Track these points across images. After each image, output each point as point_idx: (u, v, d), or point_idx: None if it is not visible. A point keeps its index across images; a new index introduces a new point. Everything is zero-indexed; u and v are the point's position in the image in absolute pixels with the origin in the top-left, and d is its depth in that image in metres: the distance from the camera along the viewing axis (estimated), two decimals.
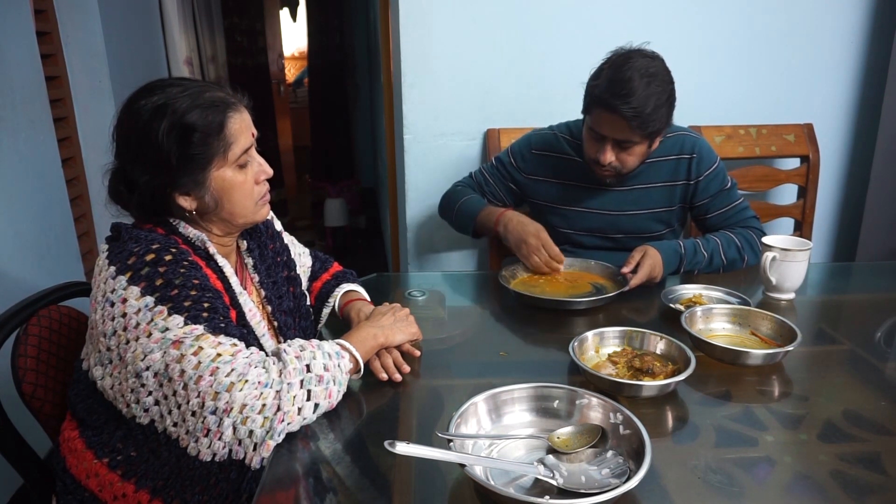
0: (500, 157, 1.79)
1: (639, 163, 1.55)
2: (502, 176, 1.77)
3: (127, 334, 0.94)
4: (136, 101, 0.99)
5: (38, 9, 2.16)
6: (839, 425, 0.98)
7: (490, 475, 0.85)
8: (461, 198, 1.74)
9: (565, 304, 1.38)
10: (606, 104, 1.41)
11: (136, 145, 0.98)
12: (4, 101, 1.85)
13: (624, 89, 1.38)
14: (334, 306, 1.31)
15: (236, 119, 1.02)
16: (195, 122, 0.97)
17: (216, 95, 1.02)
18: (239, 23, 4.96)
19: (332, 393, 0.98)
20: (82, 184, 2.43)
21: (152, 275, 0.94)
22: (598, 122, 1.47)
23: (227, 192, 1.03)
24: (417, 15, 2.05)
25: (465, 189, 1.79)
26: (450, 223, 1.81)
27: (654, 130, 1.45)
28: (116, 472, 0.99)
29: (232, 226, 1.09)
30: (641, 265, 1.45)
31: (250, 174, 1.06)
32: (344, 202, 4.65)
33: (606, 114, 1.43)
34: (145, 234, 1.00)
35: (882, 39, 2.25)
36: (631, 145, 1.47)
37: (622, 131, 1.44)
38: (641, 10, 2.12)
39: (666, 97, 1.43)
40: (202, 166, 1.00)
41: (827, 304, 1.57)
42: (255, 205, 1.08)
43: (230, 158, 1.02)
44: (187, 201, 1.02)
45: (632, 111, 1.38)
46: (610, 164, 1.50)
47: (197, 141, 0.98)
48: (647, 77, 1.39)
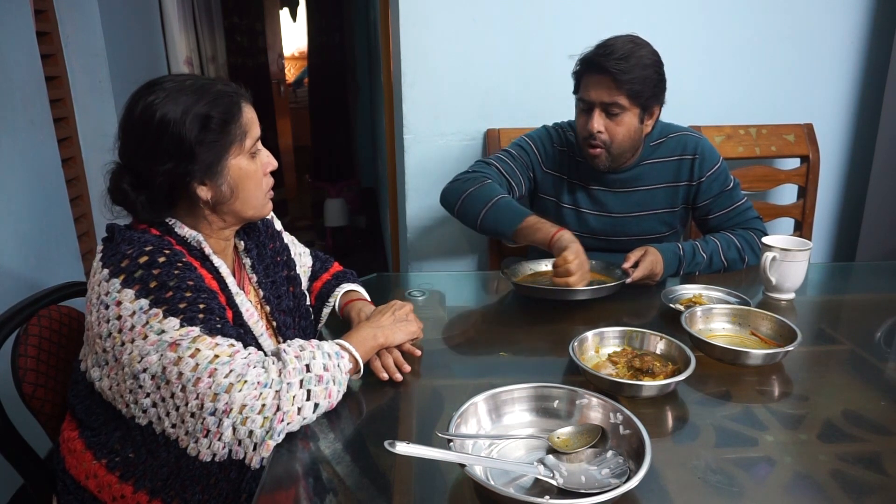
0: (522, 146, 1.71)
1: (628, 139, 1.53)
2: (525, 165, 1.69)
3: (122, 336, 0.93)
4: (147, 95, 0.99)
5: (38, 9, 2.16)
6: (839, 425, 0.98)
7: (490, 475, 0.85)
8: (495, 195, 1.54)
9: (566, 294, 1.37)
10: (592, 64, 1.48)
11: (154, 137, 0.98)
12: (4, 101, 1.85)
13: (608, 49, 1.46)
14: (334, 306, 1.31)
15: (248, 109, 1.06)
16: (214, 110, 0.99)
17: (227, 88, 1.04)
18: (239, 23, 4.97)
19: (331, 393, 0.98)
20: (82, 184, 2.43)
21: (146, 277, 0.94)
22: (586, 87, 1.51)
23: (242, 180, 1.05)
24: (417, 15, 2.05)
25: (495, 185, 1.58)
26: (469, 219, 1.57)
27: (640, 94, 1.48)
28: (115, 473, 0.99)
29: (239, 218, 1.09)
30: (642, 261, 1.45)
31: (260, 165, 1.08)
32: (344, 202, 4.65)
33: (593, 75, 1.49)
34: (138, 236, 0.99)
35: (882, 39, 2.25)
36: (619, 111, 1.49)
37: (609, 91, 1.47)
38: (641, 9, 2.12)
39: (651, 63, 1.48)
40: (221, 154, 1.01)
41: (827, 304, 1.57)
42: (264, 196, 1.10)
43: (246, 146, 1.04)
44: (204, 191, 1.02)
45: (617, 65, 1.44)
46: (598, 134, 1.51)
47: (216, 128, 1.00)
48: (630, 44, 1.48)
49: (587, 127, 1.52)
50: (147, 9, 3.14)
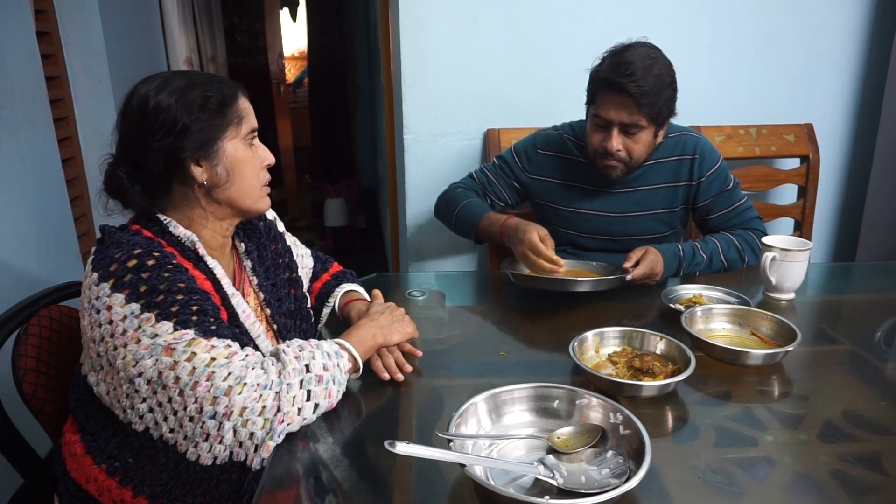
0: (504, 156, 1.77)
1: (645, 154, 1.54)
2: (506, 175, 1.75)
3: (114, 341, 0.93)
4: (142, 86, 1.00)
5: (38, 9, 2.16)
6: (839, 425, 0.98)
7: (490, 475, 0.85)
8: (461, 201, 1.68)
9: (567, 285, 1.37)
10: (612, 84, 1.43)
11: (150, 119, 0.98)
12: (4, 101, 1.85)
13: (628, 69, 1.41)
14: (334, 306, 1.31)
15: (244, 100, 1.07)
16: (210, 92, 1.01)
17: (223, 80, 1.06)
18: (239, 23, 4.97)
19: (331, 393, 0.98)
20: (82, 184, 2.43)
21: (136, 281, 0.93)
22: (605, 106, 1.48)
23: (238, 164, 1.04)
24: (417, 15, 2.05)
25: (465, 192, 1.72)
26: (448, 226, 1.75)
27: (660, 113, 1.46)
28: (114, 478, 0.98)
29: (235, 209, 1.08)
30: (643, 260, 1.45)
31: (257, 156, 1.08)
32: (344, 202, 4.65)
33: (613, 95, 1.45)
34: (128, 238, 0.99)
35: (882, 39, 2.25)
36: (637, 130, 1.48)
37: (629, 112, 1.45)
38: (641, 9, 2.12)
39: (669, 80, 1.46)
40: (217, 133, 1.02)
41: (827, 304, 1.57)
42: (260, 188, 1.09)
43: (242, 131, 1.05)
44: (199, 171, 1.02)
45: (638, 88, 1.41)
46: (617, 152, 1.50)
47: (213, 107, 1.01)
48: (649, 60, 1.44)
49: (604, 144, 1.51)
50: (147, 9, 3.14)
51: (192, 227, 1.06)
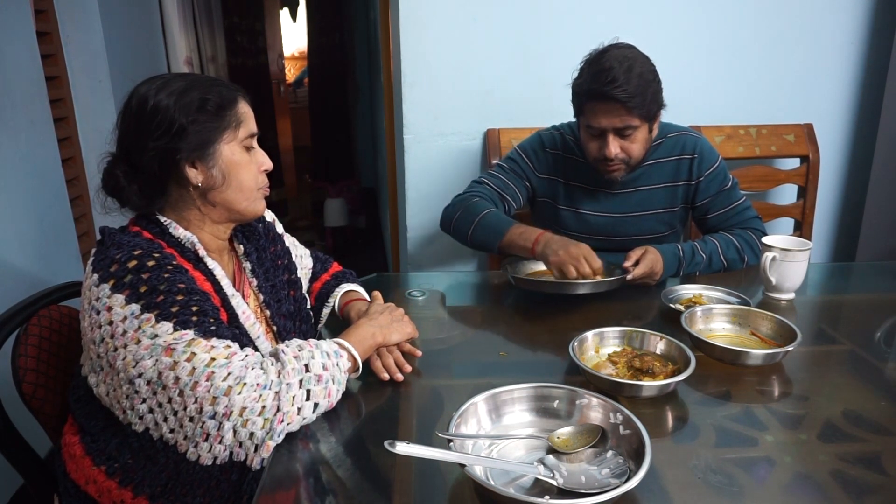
0: (513, 157, 1.74)
1: (644, 151, 1.55)
2: (519, 175, 1.71)
3: (115, 342, 0.93)
4: (142, 87, 1.01)
5: (38, 9, 2.16)
6: (839, 425, 0.98)
7: (490, 475, 0.85)
8: (480, 212, 1.57)
9: (567, 288, 1.37)
10: (597, 94, 1.44)
11: (148, 119, 0.99)
12: (4, 101, 1.85)
13: (609, 76, 1.41)
14: (334, 306, 1.31)
15: (245, 104, 1.07)
16: (209, 95, 1.01)
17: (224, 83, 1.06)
18: (239, 23, 4.96)
19: (331, 392, 0.98)
20: (82, 184, 2.43)
21: (135, 282, 0.93)
22: (595, 116, 1.48)
23: (234, 167, 1.04)
24: (417, 15, 2.05)
25: (483, 202, 1.61)
26: (461, 239, 1.62)
27: (650, 110, 1.47)
28: (114, 479, 0.98)
29: (231, 212, 1.08)
30: (643, 259, 1.45)
31: (254, 160, 1.08)
32: (344, 202, 4.65)
33: (600, 104, 1.45)
34: (128, 240, 0.99)
35: (882, 39, 2.25)
36: (631, 131, 1.48)
37: (620, 117, 1.45)
38: (641, 9, 2.12)
39: (651, 76, 1.46)
40: (213, 136, 1.02)
41: (827, 304, 1.57)
42: (257, 190, 1.09)
43: (240, 135, 1.05)
44: (195, 174, 1.02)
45: (623, 92, 1.41)
46: (616, 156, 1.50)
47: (211, 109, 1.01)
48: (627, 61, 1.43)
49: (602, 152, 1.51)
50: (147, 9, 3.14)
51: (190, 228, 1.06)
